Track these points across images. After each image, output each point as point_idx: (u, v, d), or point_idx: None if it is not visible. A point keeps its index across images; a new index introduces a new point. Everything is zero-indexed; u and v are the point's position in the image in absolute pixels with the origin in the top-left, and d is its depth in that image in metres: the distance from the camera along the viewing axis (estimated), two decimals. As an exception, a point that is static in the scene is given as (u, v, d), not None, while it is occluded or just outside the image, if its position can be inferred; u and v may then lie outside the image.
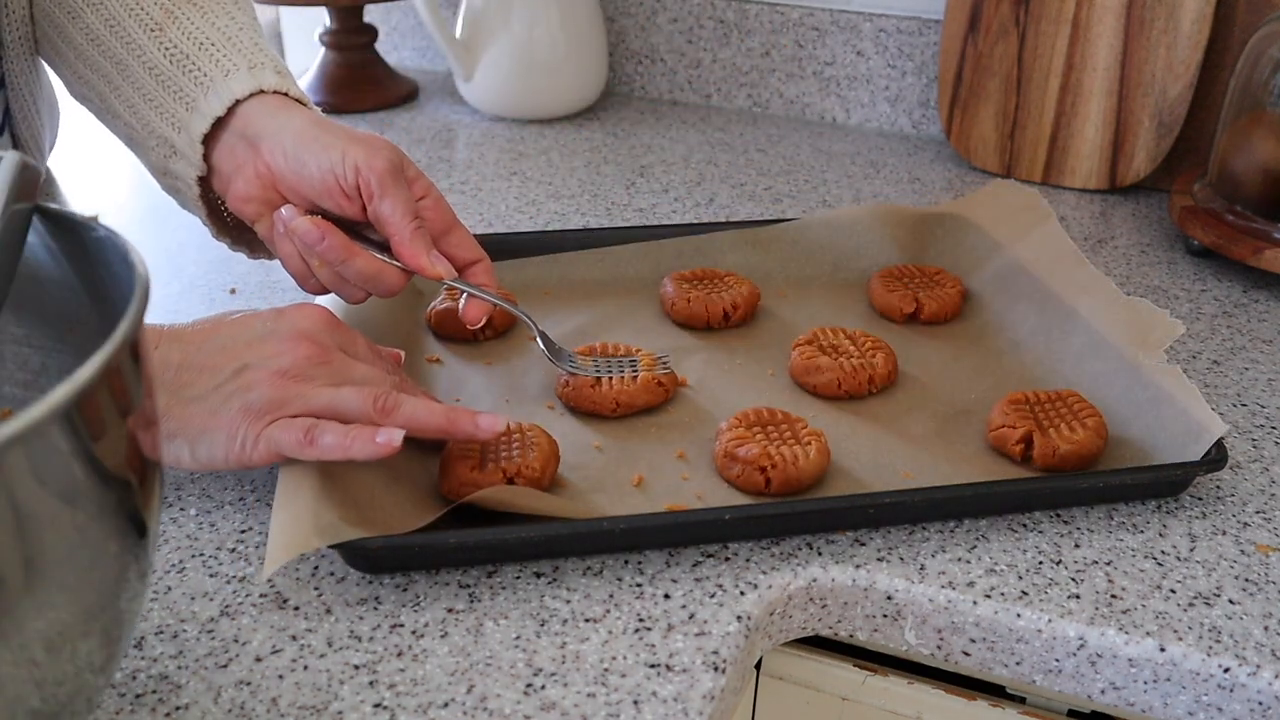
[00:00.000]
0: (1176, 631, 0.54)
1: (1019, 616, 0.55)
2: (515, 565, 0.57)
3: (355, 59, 1.26)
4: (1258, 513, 0.62)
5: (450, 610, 0.54)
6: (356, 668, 0.51)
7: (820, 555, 0.58)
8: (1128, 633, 0.54)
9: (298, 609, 0.54)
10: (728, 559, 0.58)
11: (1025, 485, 0.62)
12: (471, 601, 0.55)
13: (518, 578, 0.56)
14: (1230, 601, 0.56)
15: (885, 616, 0.57)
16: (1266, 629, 0.54)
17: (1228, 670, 0.53)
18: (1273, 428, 0.70)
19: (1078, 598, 0.56)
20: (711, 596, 0.55)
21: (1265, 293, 0.88)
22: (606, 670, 0.51)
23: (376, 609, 0.54)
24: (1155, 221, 1.00)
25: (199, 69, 0.65)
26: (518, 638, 0.53)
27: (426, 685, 0.50)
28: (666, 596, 0.55)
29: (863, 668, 0.62)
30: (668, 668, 0.51)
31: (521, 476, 0.59)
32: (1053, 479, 0.63)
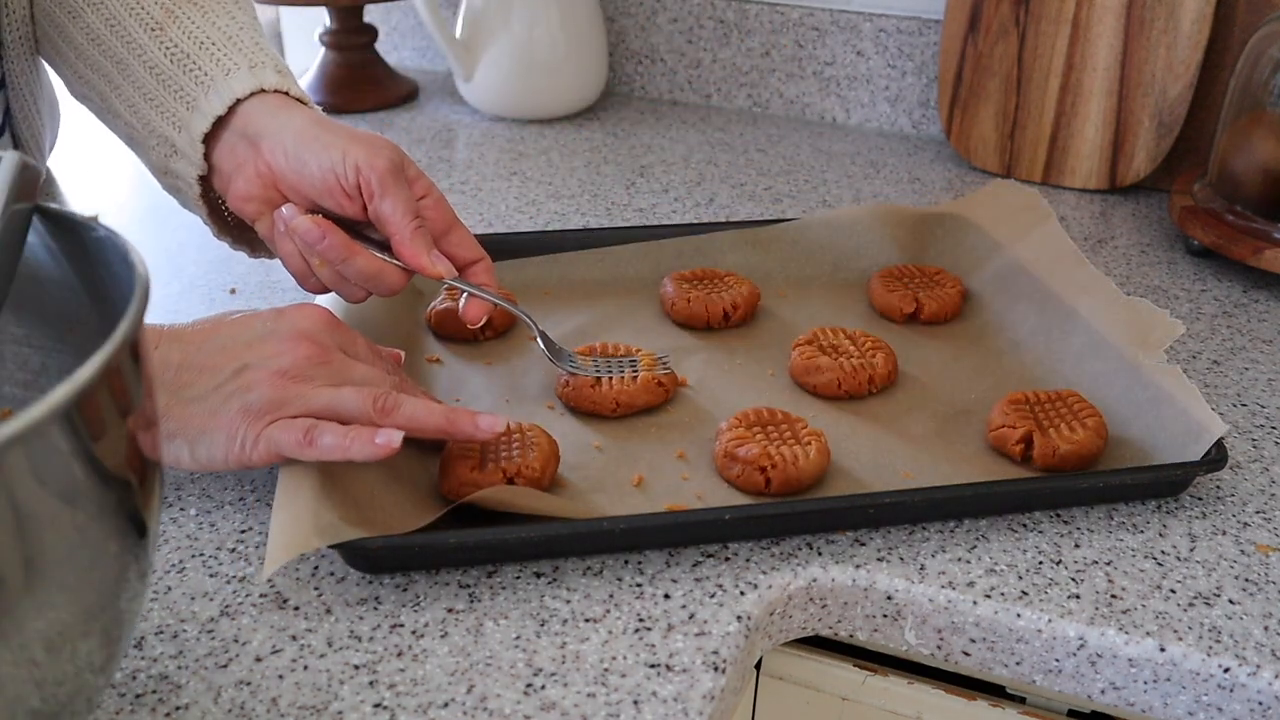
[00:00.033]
0: (1176, 631, 0.54)
1: (1019, 616, 0.55)
2: (515, 565, 0.57)
3: (355, 59, 1.25)
4: (1258, 513, 0.63)
5: (450, 610, 0.54)
6: (356, 668, 0.51)
7: (820, 555, 0.58)
8: (1128, 633, 0.54)
9: (298, 609, 0.54)
10: (728, 559, 0.58)
11: (1025, 485, 0.62)
12: (471, 601, 0.55)
13: (518, 578, 0.56)
14: (1230, 601, 0.56)
15: (885, 616, 0.57)
16: (1266, 629, 0.54)
17: (1228, 670, 0.53)
18: (1273, 428, 0.70)
19: (1078, 598, 0.56)
20: (711, 596, 0.55)
21: (1265, 293, 0.88)
22: (606, 670, 0.51)
23: (376, 609, 0.54)
24: (1155, 221, 1.00)
25: (200, 68, 0.65)
26: (518, 638, 0.53)
27: (426, 685, 0.50)
28: (666, 596, 0.55)
29: (863, 668, 0.62)
30: (668, 668, 0.51)
31: (521, 476, 0.59)
32: (1053, 479, 0.63)
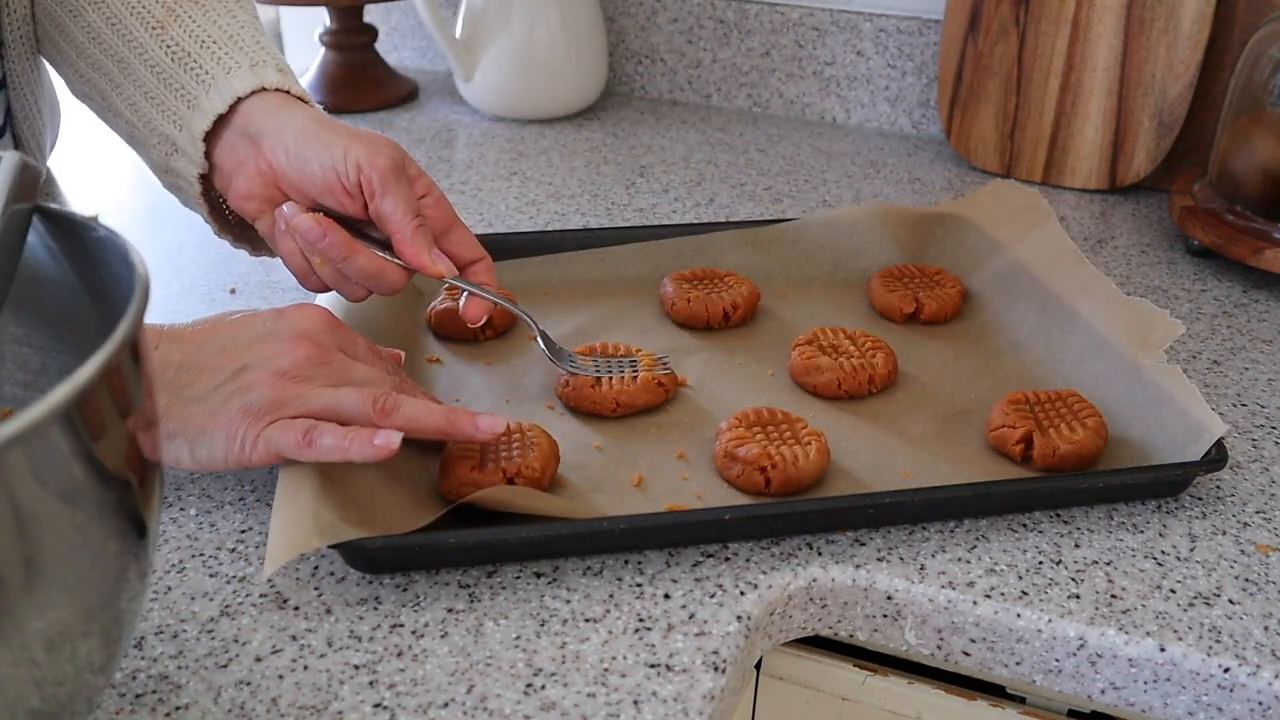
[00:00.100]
0: (1176, 631, 0.54)
1: (1019, 616, 0.55)
2: (515, 565, 0.57)
3: (355, 59, 1.25)
4: (1258, 513, 0.63)
5: (450, 610, 0.54)
6: (356, 668, 0.51)
7: (820, 555, 0.58)
8: (1128, 633, 0.54)
9: (298, 609, 0.54)
10: (728, 559, 0.58)
11: (1025, 485, 0.62)
12: (471, 601, 0.55)
13: (518, 578, 0.56)
14: (1230, 601, 0.56)
15: (885, 616, 0.57)
16: (1266, 629, 0.54)
17: (1228, 670, 0.53)
18: (1273, 428, 0.70)
19: (1078, 598, 0.56)
20: (711, 596, 0.55)
21: (1265, 293, 0.88)
22: (606, 670, 0.51)
23: (376, 609, 0.54)
24: (1155, 221, 1.00)
25: (201, 66, 0.65)
26: (518, 638, 0.53)
27: (426, 685, 0.50)
28: (666, 596, 0.55)
29: (863, 668, 0.62)
30: (668, 668, 0.51)
31: (521, 476, 0.59)
32: (1053, 479, 0.63)
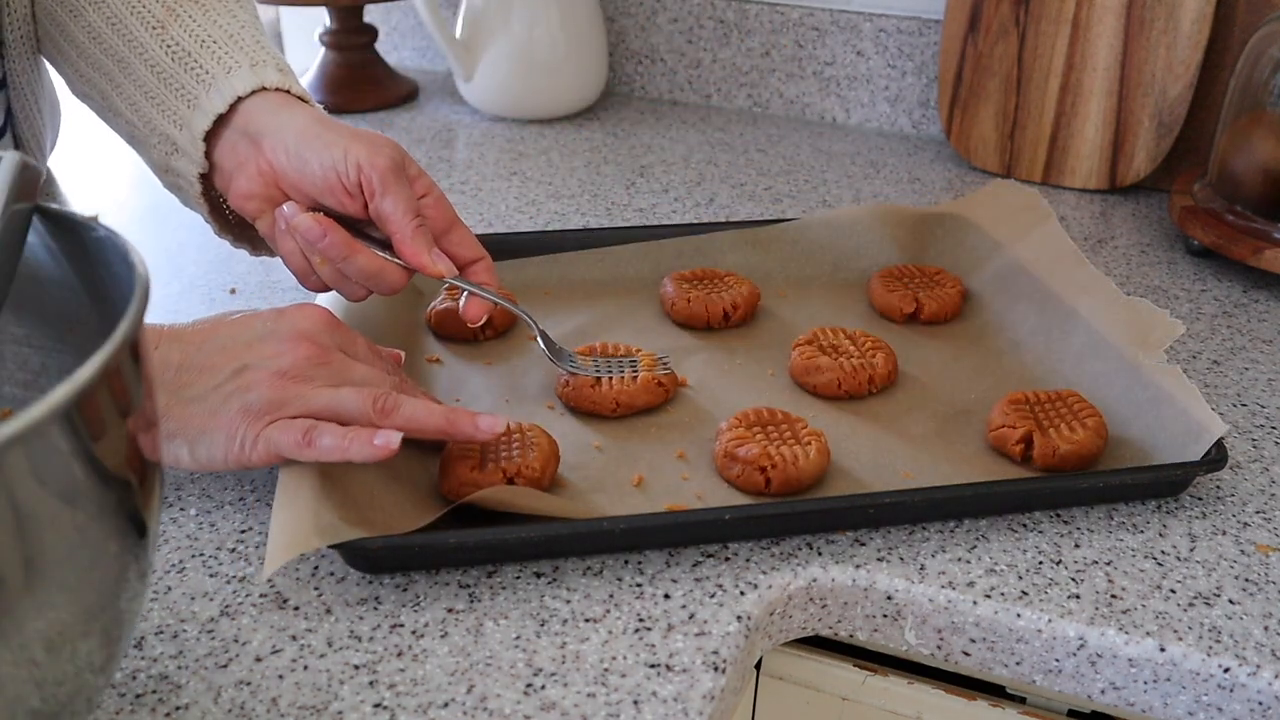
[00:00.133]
0: (1176, 631, 0.54)
1: (1019, 616, 0.55)
2: (515, 565, 0.57)
3: (355, 59, 1.25)
4: (1258, 513, 0.63)
5: (450, 610, 0.54)
6: (356, 668, 0.51)
7: (820, 555, 0.58)
8: (1128, 633, 0.54)
9: (298, 609, 0.54)
10: (728, 559, 0.58)
11: (1025, 485, 0.62)
12: (471, 601, 0.55)
13: (518, 578, 0.56)
14: (1230, 601, 0.56)
15: (885, 616, 0.57)
16: (1266, 629, 0.54)
17: (1228, 670, 0.53)
18: (1273, 428, 0.70)
19: (1078, 598, 0.56)
20: (711, 596, 0.55)
21: (1265, 293, 0.88)
22: (606, 670, 0.51)
23: (376, 609, 0.54)
24: (1155, 221, 1.00)
25: (201, 66, 0.65)
26: (518, 638, 0.53)
27: (426, 685, 0.50)
28: (666, 596, 0.55)
29: (863, 668, 0.62)
30: (668, 668, 0.51)
31: (521, 476, 0.59)
32: (1053, 479, 0.63)
